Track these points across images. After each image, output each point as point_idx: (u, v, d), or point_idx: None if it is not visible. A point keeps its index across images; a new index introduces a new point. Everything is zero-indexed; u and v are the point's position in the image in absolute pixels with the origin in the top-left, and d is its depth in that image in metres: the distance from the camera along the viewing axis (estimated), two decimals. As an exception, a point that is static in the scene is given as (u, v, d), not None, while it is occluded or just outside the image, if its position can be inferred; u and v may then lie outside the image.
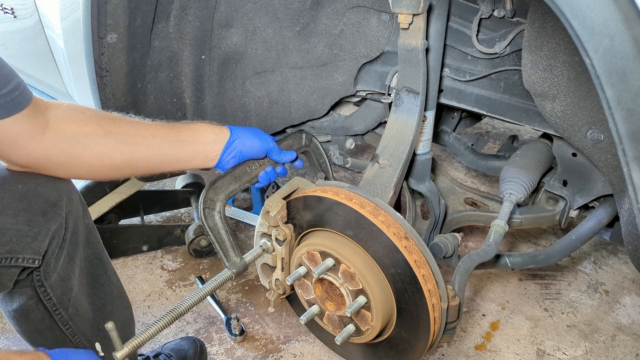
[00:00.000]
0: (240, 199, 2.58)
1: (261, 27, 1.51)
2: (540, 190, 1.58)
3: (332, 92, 1.66)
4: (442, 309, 1.19)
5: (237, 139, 1.28)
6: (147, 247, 2.20)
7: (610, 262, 2.14)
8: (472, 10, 1.35)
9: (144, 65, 1.40)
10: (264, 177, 1.36)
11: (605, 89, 0.75)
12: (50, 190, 1.12)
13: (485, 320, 1.85)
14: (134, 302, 1.45)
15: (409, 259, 1.13)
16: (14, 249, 1.06)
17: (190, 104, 1.56)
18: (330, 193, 1.24)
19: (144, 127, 1.17)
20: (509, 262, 1.57)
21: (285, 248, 1.34)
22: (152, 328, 1.10)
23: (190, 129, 1.23)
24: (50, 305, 1.19)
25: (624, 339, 1.78)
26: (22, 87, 0.96)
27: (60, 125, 1.03)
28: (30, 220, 1.08)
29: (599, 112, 1.16)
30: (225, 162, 1.28)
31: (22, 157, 1.03)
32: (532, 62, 1.20)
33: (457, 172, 2.82)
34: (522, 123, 1.41)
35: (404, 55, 1.28)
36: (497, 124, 3.33)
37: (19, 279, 1.13)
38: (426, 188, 1.55)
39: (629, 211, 1.13)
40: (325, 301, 1.31)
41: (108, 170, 1.13)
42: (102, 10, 1.22)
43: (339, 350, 1.52)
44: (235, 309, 1.92)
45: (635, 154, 0.77)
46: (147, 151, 1.15)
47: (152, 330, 1.10)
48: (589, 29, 0.73)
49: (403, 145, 1.36)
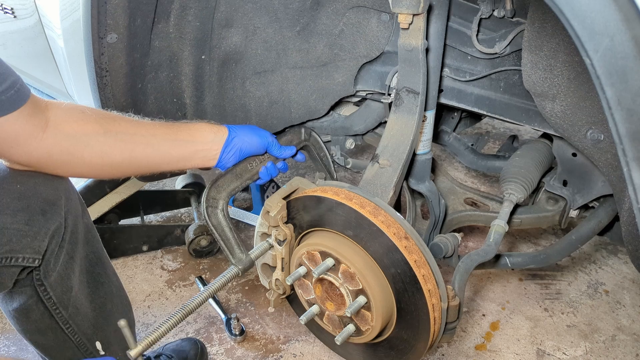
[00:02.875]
0: (240, 199, 2.58)
1: (261, 27, 1.51)
2: (540, 190, 1.58)
3: (332, 92, 1.66)
4: (442, 309, 1.19)
5: (236, 136, 1.28)
6: (147, 247, 2.20)
7: (610, 262, 2.14)
8: (472, 10, 1.35)
9: (144, 65, 1.40)
10: (265, 172, 1.37)
11: (605, 89, 0.75)
12: (49, 190, 1.12)
13: (485, 320, 1.85)
14: (134, 302, 1.46)
15: (409, 259, 1.13)
16: (14, 248, 1.06)
17: (190, 104, 1.56)
18: (330, 193, 1.24)
19: (144, 126, 1.17)
20: (509, 262, 1.57)
21: (285, 248, 1.34)
22: (165, 325, 1.10)
23: (189, 129, 1.24)
24: (50, 304, 1.19)
25: (624, 339, 1.78)
26: (18, 86, 0.96)
27: (61, 124, 1.04)
28: (30, 219, 1.08)
29: (599, 112, 1.16)
30: (226, 160, 1.28)
31: (23, 156, 1.04)
32: (532, 62, 1.20)
33: (457, 172, 2.82)
34: (522, 123, 1.41)
35: (404, 55, 1.28)
36: (497, 124, 3.33)
37: (19, 279, 1.13)
38: (426, 188, 1.55)
39: (629, 211, 1.13)
40: (325, 301, 1.31)
41: (109, 168, 1.14)
42: (102, 10, 1.22)
43: (339, 350, 1.52)
44: (235, 309, 1.92)
45: (635, 154, 0.77)
46: (146, 150, 1.16)
47: (165, 327, 1.10)
48: (589, 29, 0.73)
49: (403, 145, 1.36)
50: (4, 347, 1.75)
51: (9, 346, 1.75)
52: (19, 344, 1.75)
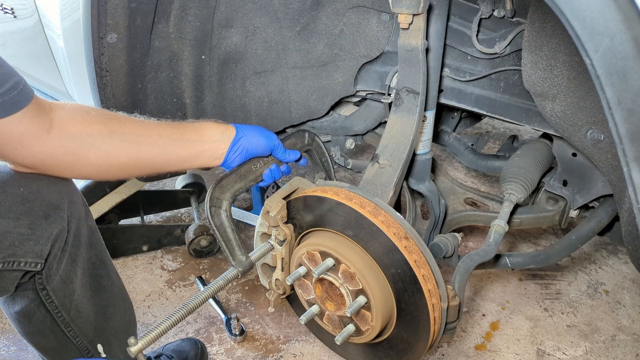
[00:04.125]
0: (241, 199, 2.58)
1: (261, 27, 1.51)
2: (540, 190, 1.58)
3: (332, 92, 1.66)
4: (442, 309, 1.19)
5: (243, 137, 1.27)
6: (147, 247, 2.20)
7: (610, 262, 2.14)
8: (472, 10, 1.35)
9: (144, 65, 1.39)
10: (269, 175, 1.36)
11: (605, 89, 0.75)
12: (52, 193, 1.11)
13: (485, 320, 1.85)
14: (134, 302, 1.45)
15: (409, 259, 1.13)
16: (16, 252, 1.05)
17: (190, 104, 1.56)
18: (330, 193, 1.24)
19: (150, 127, 1.16)
20: (509, 262, 1.57)
21: (285, 248, 1.34)
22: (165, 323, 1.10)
23: (196, 128, 1.23)
24: (52, 307, 1.19)
25: (624, 339, 1.78)
26: (21, 86, 0.95)
27: (65, 125, 1.03)
28: (32, 223, 1.07)
29: (599, 112, 1.16)
30: (231, 160, 1.27)
31: (28, 158, 1.02)
32: (532, 62, 1.20)
33: (457, 172, 2.82)
34: (522, 123, 1.41)
35: (404, 55, 1.28)
36: (497, 124, 3.33)
37: (21, 282, 1.13)
38: (426, 188, 1.55)
39: (629, 211, 1.13)
40: (325, 301, 1.31)
41: (115, 170, 1.13)
42: (102, 10, 1.22)
43: (339, 350, 1.52)
44: (235, 309, 1.92)
45: (635, 154, 0.77)
46: (152, 150, 1.15)
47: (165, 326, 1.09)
48: (589, 29, 0.73)
49: (403, 145, 1.36)
50: (4, 347, 1.75)
51: (9, 346, 1.75)
52: (19, 344, 1.75)
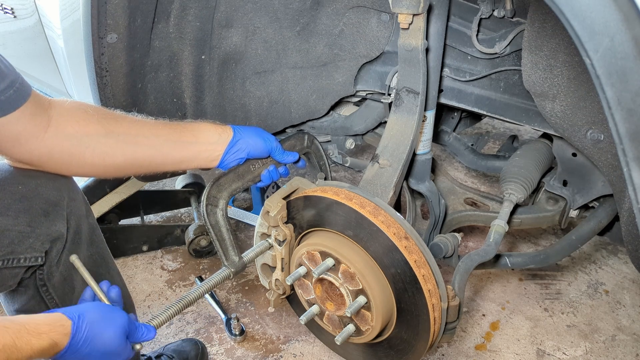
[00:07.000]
0: (240, 199, 2.58)
1: (261, 27, 1.51)
2: (540, 190, 1.58)
3: (332, 92, 1.66)
4: (442, 309, 1.19)
5: (241, 139, 1.27)
6: (147, 247, 2.20)
7: (610, 262, 2.14)
8: (472, 10, 1.35)
9: (144, 65, 1.39)
10: (267, 176, 1.36)
11: (605, 89, 0.75)
12: (51, 190, 1.12)
13: (485, 320, 1.85)
14: (134, 301, 1.46)
15: (409, 259, 1.13)
16: (16, 250, 1.06)
17: (190, 104, 1.56)
18: (330, 193, 1.24)
19: (147, 127, 1.16)
20: (509, 262, 1.57)
21: (285, 248, 1.34)
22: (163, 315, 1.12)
23: (193, 129, 1.23)
24: (53, 305, 1.19)
25: (624, 339, 1.78)
26: (17, 84, 0.95)
27: (62, 124, 1.03)
28: (32, 221, 1.07)
29: (599, 112, 1.16)
30: (228, 162, 1.27)
31: (25, 155, 1.03)
32: (532, 62, 1.20)
33: (457, 172, 2.82)
34: (522, 123, 1.41)
35: (404, 55, 1.28)
36: (497, 124, 3.33)
37: (23, 277, 1.13)
38: (426, 188, 1.55)
39: (629, 211, 1.13)
40: (325, 301, 1.31)
41: (111, 169, 1.13)
42: (102, 10, 1.22)
43: (339, 350, 1.52)
44: (235, 309, 1.92)
45: (635, 154, 0.77)
46: (149, 151, 1.15)
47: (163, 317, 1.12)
48: (589, 29, 0.73)
49: (403, 145, 1.36)
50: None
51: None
52: (19, 344, 1.75)
